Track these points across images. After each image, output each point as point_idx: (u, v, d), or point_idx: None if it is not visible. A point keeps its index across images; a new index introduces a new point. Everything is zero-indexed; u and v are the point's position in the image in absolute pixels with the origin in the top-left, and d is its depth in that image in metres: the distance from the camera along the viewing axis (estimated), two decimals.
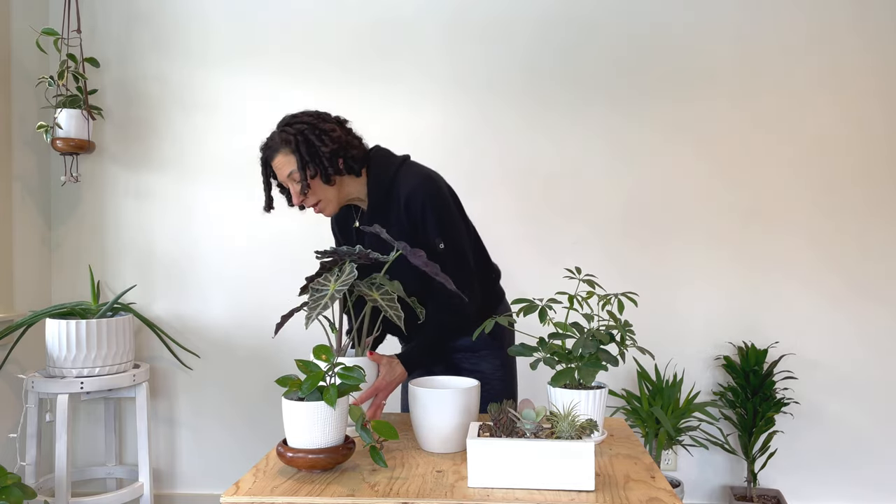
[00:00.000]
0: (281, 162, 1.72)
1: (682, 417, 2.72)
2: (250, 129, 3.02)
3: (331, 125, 1.76)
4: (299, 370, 1.29)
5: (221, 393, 3.07)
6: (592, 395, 1.43)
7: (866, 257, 2.90)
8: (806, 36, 2.89)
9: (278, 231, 3.02)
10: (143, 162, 3.05)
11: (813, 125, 2.91)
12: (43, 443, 2.85)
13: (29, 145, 2.93)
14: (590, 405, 1.43)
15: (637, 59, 2.94)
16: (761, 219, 2.93)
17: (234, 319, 3.05)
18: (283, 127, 1.74)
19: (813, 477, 2.93)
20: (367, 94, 2.99)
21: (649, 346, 2.96)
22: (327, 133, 1.73)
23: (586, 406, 1.43)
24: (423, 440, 1.43)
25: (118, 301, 2.76)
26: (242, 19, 3.01)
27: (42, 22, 2.97)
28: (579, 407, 1.41)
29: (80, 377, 2.53)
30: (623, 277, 2.95)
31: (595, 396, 1.43)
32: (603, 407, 1.46)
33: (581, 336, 1.46)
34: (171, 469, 3.09)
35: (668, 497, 1.18)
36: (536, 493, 1.18)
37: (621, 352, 1.51)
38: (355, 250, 1.51)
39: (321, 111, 1.80)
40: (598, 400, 1.44)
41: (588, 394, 1.43)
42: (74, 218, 3.07)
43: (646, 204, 2.95)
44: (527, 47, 2.95)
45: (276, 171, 1.74)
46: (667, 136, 2.94)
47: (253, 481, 1.25)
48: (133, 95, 3.05)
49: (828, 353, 2.92)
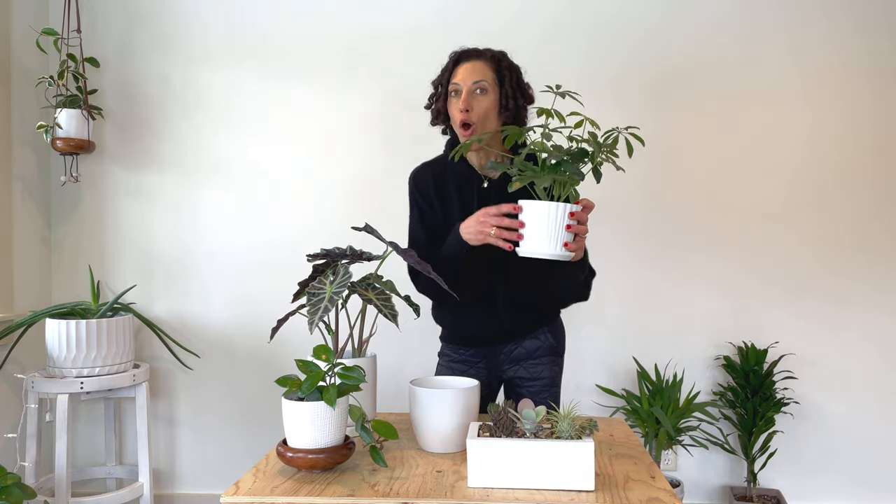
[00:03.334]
0: (476, 66, 1.71)
1: (682, 417, 2.72)
2: (250, 129, 3.03)
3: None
4: (299, 370, 1.29)
5: (221, 393, 3.07)
6: (555, 207, 1.42)
7: (866, 257, 2.90)
8: (807, 35, 2.89)
9: (278, 231, 3.02)
10: (143, 162, 3.06)
11: (813, 125, 2.91)
12: (43, 443, 2.85)
13: (29, 145, 2.93)
14: (550, 216, 1.43)
15: (636, 59, 2.94)
16: (761, 218, 2.93)
17: (234, 319, 3.05)
18: (494, 50, 1.77)
19: (813, 477, 2.93)
20: (368, 93, 2.99)
21: (649, 346, 2.97)
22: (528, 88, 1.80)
23: (547, 217, 1.42)
24: (423, 440, 1.43)
25: (118, 301, 2.76)
26: (242, 19, 3.01)
27: (42, 22, 2.97)
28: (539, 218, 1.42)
29: (80, 377, 2.53)
30: (623, 277, 2.95)
31: (557, 209, 1.42)
32: (561, 222, 1.44)
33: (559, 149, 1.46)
34: (171, 469, 3.09)
35: (668, 497, 1.18)
36: (536, 493, 1.18)
37: (595, 168, 1.48)
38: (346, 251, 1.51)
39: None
40: (559, 213, 1.43)
41: (551, 206, 1.42)
42: (74, 218, 3.07)
43: (645, 203, 2.95)
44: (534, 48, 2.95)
45: (458, 73, 1.72)
46: (667, 135, 2.94)
47: (253, 481, 1.25)
48: (133, 95, 3.05)
49: (828, 353, 2.92)
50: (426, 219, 1.82)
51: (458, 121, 1.71)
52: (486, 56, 1.73)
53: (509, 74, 1.72)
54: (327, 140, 3.01)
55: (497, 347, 1.87)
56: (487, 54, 1.74)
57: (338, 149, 3.01)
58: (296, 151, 3.02)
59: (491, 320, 1.81)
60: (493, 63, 1.72)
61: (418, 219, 1.83)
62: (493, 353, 1.88)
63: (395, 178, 2.93)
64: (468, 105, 1.68)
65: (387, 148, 2.99)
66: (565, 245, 1.46)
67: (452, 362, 1.91)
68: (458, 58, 1.74)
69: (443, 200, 1.80)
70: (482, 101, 1.69)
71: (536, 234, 1.45)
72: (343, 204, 3.01)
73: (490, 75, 1.71)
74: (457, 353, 1.91)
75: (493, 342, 1.86)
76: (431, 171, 1.84)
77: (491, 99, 1.70)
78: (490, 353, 1.88)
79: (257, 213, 3.04)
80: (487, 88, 1.70)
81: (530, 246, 1.47)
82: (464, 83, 1.70)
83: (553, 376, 1.87)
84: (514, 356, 1.86)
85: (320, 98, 3.01)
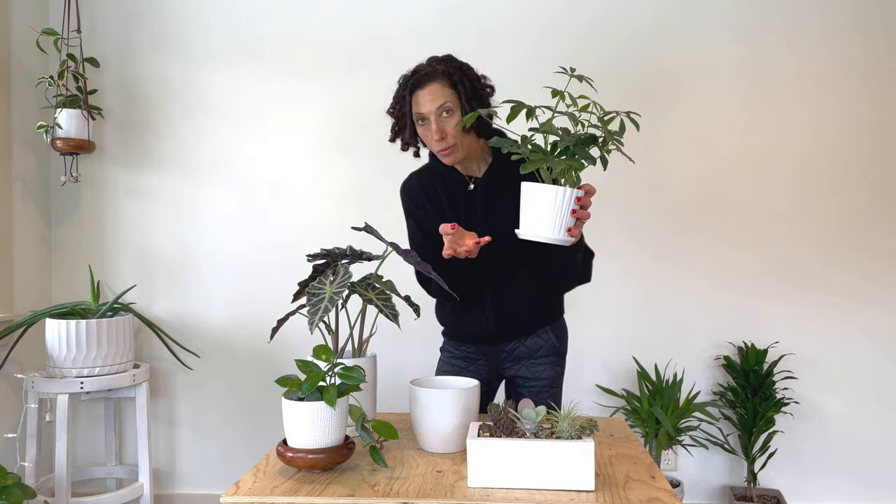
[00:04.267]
0: (434, 91, 1.67)
1: (682, 417, 2.72)
2: (250, 129, 3.03)
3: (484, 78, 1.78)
4: (299, 370, 1.29)
5: (221, 393, 3.07)
6: (562, 191, 1.41)
7: (866, 257, 2.90)
8: (807, 35, 2.89)
9: (278, 231, 3.02)
10: (143, 162, 3.05)
11: (813, 124, 2.90)
12: (43, 443, 2.85)
13: (29, 145, 2.93)
14: (557, 201, 1.41)
15: (636, 59, 2.94)
16: (761, 218, 2.93)
17: (234, 319, 3.05)
18: (440, 61, 1.72)
19: (813, 477, 2.93)
20: (367, 93, 2.99)
21: (649, 346, 2.97)
22: (484, 80, 1.76)
23: (553, 202, 1.41)
24: (423, 440, 1.43)
25: (118, 301, 2.76)
26: (242, 19, 3.01)
27: (42, 22, 2.97)
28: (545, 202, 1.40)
29: (80, 377, 2.53)
30: (623, 277, 2.95)
31: (561, 193, 1.41)
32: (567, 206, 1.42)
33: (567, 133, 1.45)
34: (171, 469, 3.09)
35: (668, 497, 1.18)
36: (536, 493, 1.18)
37: (602, 156, 1.48)
38: (346, 251, 1.51)
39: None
40: (563, 197, 1.41)
41: (559, 190, 1.41)
42: (74, 218, 3.07)
43: (645, 203, 2.95)
44: (530, 50, 2.95)
45: (418, 102, 1.69)
46: (667, 134, 2.94)
47: (253, 481, 1.25)
48: (133, 95, 3.05)
49: (828, 353, 2.92)
50: (423, 225, 1.83)
51: (437, 150, 1.71)
52: (438, 75, 1.69)
53: (463, 86, 1.69)
54: (327, 140, 3.01)
55: (499, 345, 1.87)
56: (439, 71, 1.69)
57: (338, 148, 3.01)
58: (296, 151, 3.02)
59: (492, 318, 1.82)
60: (447, 80, 1.69)
61: (417, 229, 1.85)
62: (494, 350, 1.88)
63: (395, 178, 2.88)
64: (442, 133, 1.67)
65: (386, 148, 2.95)
66: (568, 230, 1.45)
67: (454, 358, 1.92)
68: (413, 85, 1.71)
69: (435, 205, 1.83)
70: (451, 122, 1.68)
71: (540, 218, 1.44)
72: (343, 204, 3.01)
73: (449, 93, 1.68)
74: (458, 349, 1.92)
75: (495, 340, 1.86)
76: (419, 180, 1.87)
77: (457, 116, 1.69)
78: (491, 351, 1.88)
79: (257, 213, 3.03)
80: (452, 108, 1.68)
81: (533, 229, 1.45)
82: (429, 112, 1.68)
83: (554, 377, 1.88)
84: (515, 354, 1.87)
85: (320, 98, 3.00)
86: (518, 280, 1.80)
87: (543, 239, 1.45)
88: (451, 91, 1.68)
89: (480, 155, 1.81)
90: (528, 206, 1.46)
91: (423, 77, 1.70)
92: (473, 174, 1.82)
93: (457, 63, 1.73)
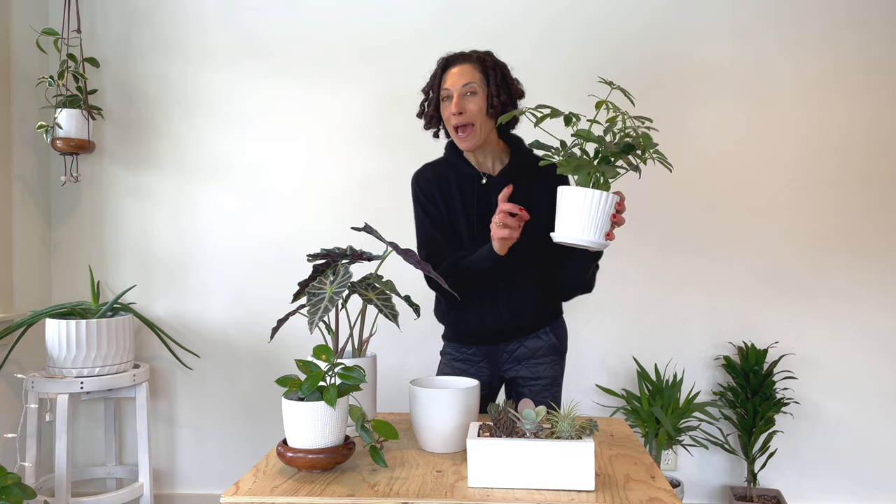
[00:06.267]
0: (464, 70, 1.76)
1: (682, 417, 2.72)
2: (250, 129, 3.03)
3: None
4: (299, 370, 1.29)
5: (221, 393, 3.07)
6: (605, 196, 1.42)
7: (866, 257, 2.90)
8: (806, 35, 2.89)
9: (278, 231, 3.02)
10: (143, 162, 3.06)
11: (813, 125, 2.90)
12: (43, 443, 2.85)
13: (29, 145, 2.93)
14: (600, 205, 1.42)
15: (636, 59, 2.94)
16: (761, 218, 2.93)
17: (234, 319, 3.05)
18: (479, 51, 1.81)
19: (813, 477, 2.93)
20: (367, 93, 2.99)
21: (649, 346, 2.97)
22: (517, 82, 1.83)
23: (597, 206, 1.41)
24: (423, 440, 1.43)
25: (118, 301, 2.76)
26: (242, 19, 3.01)
27: (42, 22, 2.97)
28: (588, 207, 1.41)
29: (80, 377, 2.53)
30: (623, 277, 2.95)
31: (605, 198, 1.42)
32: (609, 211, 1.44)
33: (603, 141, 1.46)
34: (171, 469, 3.09)
35: (668, 497, 1.18)
36: (536, 493, 1.18)
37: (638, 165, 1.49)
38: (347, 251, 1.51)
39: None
40: (607, 202, 1.42)
41: (603, 195, 1.41)
42: (74, 218, 3.07)
43: (645, 203, 2.95)
44: (530, 50, 2.95)
45: (446, 79, 1.77)
46: (666, 135, 2.94)
47: (253, 481, 1.25)
48: (133, 95, 3.05)
49: (828, 353, 2.92)
50: (434, 218, 1.84)
51: (452, 124, 1.76)
52: (472, 58, 1.78)
53: (494, 73, 1.76)
54: (327, 140, 3.01)
55: (499, 346, 1.88)
56: (473, 56, 1.79)
57: (337, 149, 3.01)
58: (296, 151, 3.02)
59: (493, 317, 1.82)
60: (479, 64, 1.77)
61: (426, 219, 1.85)
62: (495, 351, 1.88)
63: (395, 178, 2.94)
64: (461, 108, 1.73)
65: (386, 148, 2.99)
66: (606, 235, 1.46)
67: (454, 361, 1.92)
68: (447, 63, 1.80)
69: (445, 198, 1.84)
70: (473, 103, 1.74)
71: (580, 222, 1.43)
72: (343, 204, 3.01)
73: (478, 76, 1.76)
74: (459, 351, 1.92)
75: (496, 340, 1.87)
76: (432, 171, 1.87)
77: (481, 99, 1.75)
78: (492, 352, 1.89)
79: (257, 213, 3.03)
80: (477, 90, 1.75)
81: (573, 233, 1.44)
82: (454, 87, 1.75)
83: (555, 376, 1.89)
84: (516, 355, 1.87)
85: (320, 98, 3.00)
86: (523, 279, 1.81)
87: (582, 242, 1.45)
88: (480, 75, 1.76)
89: (498, 154, 1.85)
90: (568, 209, 1.45)
91: (457, 56, 1.80)
92: (487, 171, 1.84)
93: (494, 57, 1.81)
